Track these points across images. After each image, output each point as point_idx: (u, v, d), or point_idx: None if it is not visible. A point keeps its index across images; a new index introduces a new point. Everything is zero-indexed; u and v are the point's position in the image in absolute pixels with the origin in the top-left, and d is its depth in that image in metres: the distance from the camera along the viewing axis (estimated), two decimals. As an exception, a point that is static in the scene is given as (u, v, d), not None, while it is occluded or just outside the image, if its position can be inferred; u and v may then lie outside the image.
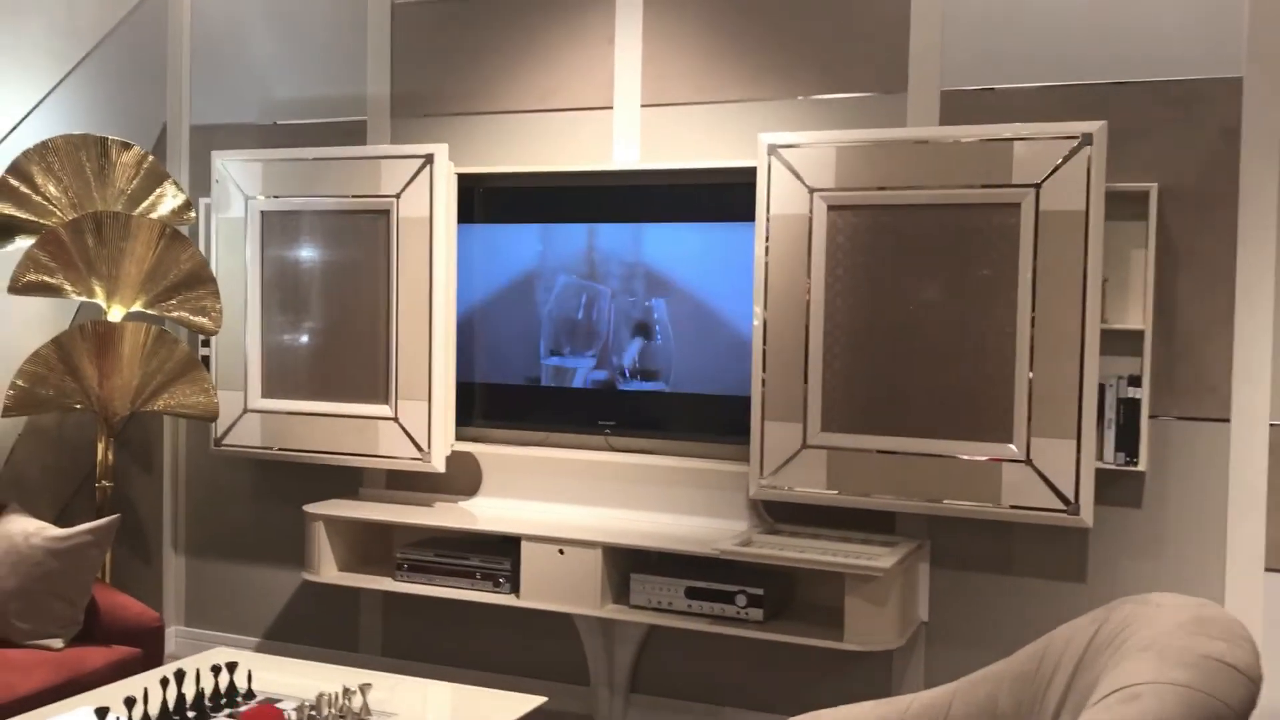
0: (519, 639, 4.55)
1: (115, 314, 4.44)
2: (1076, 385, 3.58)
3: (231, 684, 2.93)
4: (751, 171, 3.94)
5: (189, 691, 2.86)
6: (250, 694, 2.96)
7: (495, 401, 4.52)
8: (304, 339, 4.65)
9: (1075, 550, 3.83)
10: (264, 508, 4.97)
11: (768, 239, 3.92)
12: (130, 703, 2.78)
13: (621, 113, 4.34)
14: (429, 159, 4.34)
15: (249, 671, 2.99)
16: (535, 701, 2.99)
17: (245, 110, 4.97)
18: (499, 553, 4.22)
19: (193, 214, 4.70)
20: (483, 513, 4.46)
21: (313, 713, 2.80)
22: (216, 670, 2.92)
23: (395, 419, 4.42)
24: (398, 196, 4.39)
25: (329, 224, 4.57)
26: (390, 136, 4.69)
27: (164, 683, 2.81)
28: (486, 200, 4.49)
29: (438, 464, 4.39)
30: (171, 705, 2.82)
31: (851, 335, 3.85)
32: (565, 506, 4.39)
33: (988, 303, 3.69)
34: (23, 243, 4.35)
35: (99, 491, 4.52)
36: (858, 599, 3.68)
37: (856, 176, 3.81)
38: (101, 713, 2.62)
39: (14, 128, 4.51)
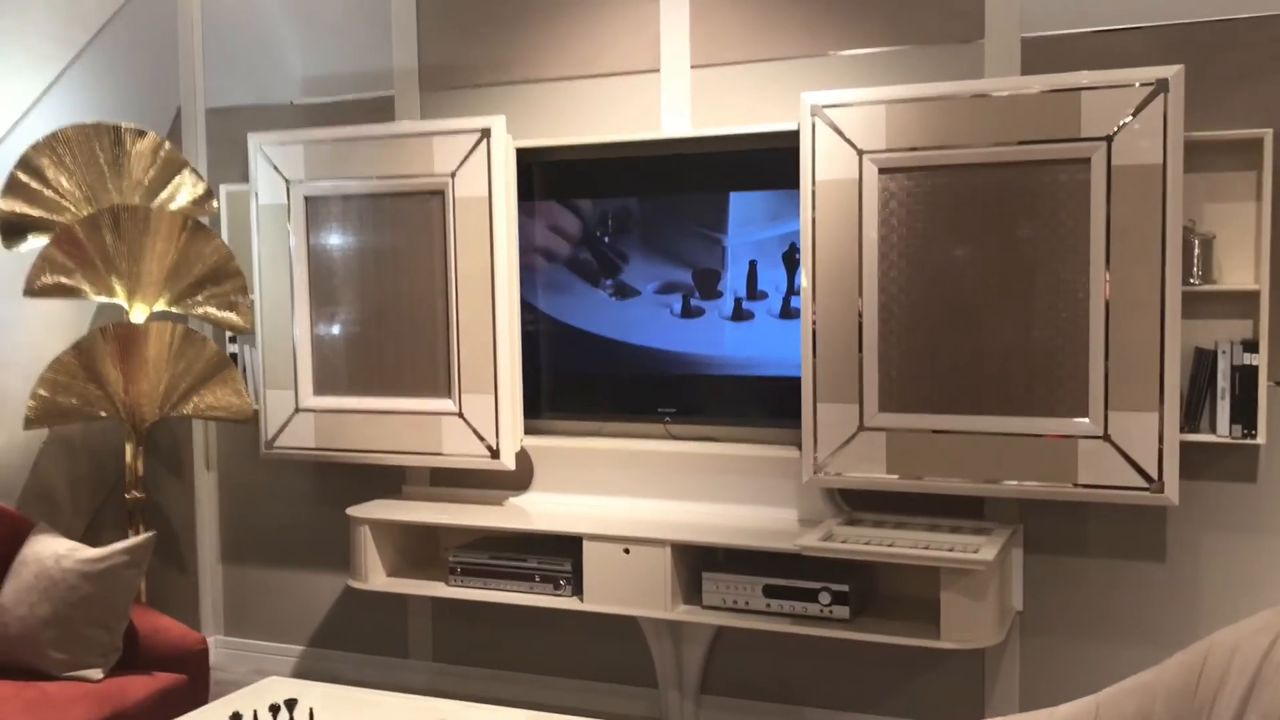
0: (577, 640, 4.29)
1: (138, 314, 4.17)
2: (1158, 353, 3.30)
3: (293, 725, 2.67)
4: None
5: (248, 736, 2.60)
6: (314, 734, 2.70)
7: (548, 390, 4.24)
8: (356, 331, 4.29)
9: (1175, 530, 3.56)
10: (303, 510, 4.70)
11: (814, 206, 3.63)
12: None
13: (670, 76, 4.03)
14: (485, 133, 4.01)
15: (310, 709, 2.73)
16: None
17: (265, 90, 4.65)
18: (557, 552, 3.95)
19: (215, 203, 4.40)
20: (537, 510, 4.19)
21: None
22: (275, 710, 2.65)
23: (460, 414, 4.13)
24: (453, 175, 4.07)
25: (378, 207, 4.23)
26: (420, 111, 4.38)
27: (220, 728, 2.54)
28: (534, 176, 4.18)
29: (507, 462, 4.10)
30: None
31: (909, 308, 3.57)
32: (623, 500, 4.11)
33: (1057, 269, 3.41)
34: (35, 242, 4.07)
35: (129, 502, 4.26)
36: (955, 593, 3.41)
37: (909, 136, 3.52)
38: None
39: (20, 119, 4.20)
